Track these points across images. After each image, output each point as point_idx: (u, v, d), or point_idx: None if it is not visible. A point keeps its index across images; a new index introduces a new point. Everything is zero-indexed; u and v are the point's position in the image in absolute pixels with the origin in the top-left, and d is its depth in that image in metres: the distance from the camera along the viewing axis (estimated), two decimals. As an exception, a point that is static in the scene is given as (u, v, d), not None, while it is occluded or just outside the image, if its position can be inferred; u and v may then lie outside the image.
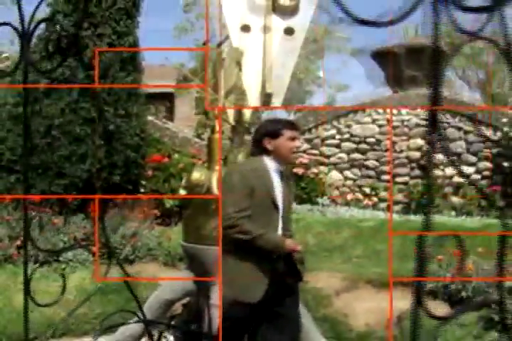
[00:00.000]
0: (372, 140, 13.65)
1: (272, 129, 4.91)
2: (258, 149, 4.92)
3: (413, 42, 14.61)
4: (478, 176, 12.85)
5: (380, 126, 13.59)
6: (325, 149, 13.79)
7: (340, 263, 8.46)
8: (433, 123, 1.35)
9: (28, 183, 10.00)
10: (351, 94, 44.83)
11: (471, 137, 12.90)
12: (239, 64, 6.50)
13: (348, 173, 13.79)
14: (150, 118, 14.33)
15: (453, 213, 12.14)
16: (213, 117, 6.64)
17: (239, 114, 6.58)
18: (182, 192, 6.62)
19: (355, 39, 43.22)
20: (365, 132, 13.64)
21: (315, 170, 13.32)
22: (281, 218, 4.87)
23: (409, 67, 13.96)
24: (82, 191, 10.42)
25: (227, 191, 4.85)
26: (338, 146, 13.82)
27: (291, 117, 16.08)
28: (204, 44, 6.91)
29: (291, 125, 5.07)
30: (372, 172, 13.63)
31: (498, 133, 12.49)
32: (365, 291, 7.62)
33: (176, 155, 13.11)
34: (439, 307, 6.84)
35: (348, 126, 13.80)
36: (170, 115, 20.00)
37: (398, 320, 6.81)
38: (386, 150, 13.46)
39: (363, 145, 13.68)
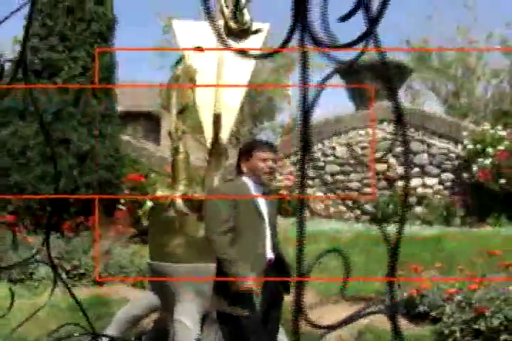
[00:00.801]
0: (354, 161, 13.69)
1: (245, 150, 4.88)
2: (237, 169, 4.92)
3: (374, 58, 14.63)
4: (441, 187, 12.89)
5: (362, 148, 13.61)
6: (310, 171, 13.77)
7: (316, 275, 8.48)
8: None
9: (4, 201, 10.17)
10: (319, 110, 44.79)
11: (433, 150, 12.94)
12: (193, 81, 6.52)
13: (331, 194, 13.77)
14: (127, 138, 14.30)
15: (417, 222, 12.17)
16: (176, 138, 6.61)
17: (215, 137, 6.58)
18: (149, 203, 6.65)
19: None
20: (349, 154, 13.66)
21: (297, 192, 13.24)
22: (270, 228, 4.83)
23: (372, 80, 14.01)
24: (56, 207, 10.42)
25: (210, 206, 4.87)
26: (322, 168, 13.83)
27: (278, 141, 16.03)
28: (177, 63, 6.88)
29: (264, 146, 4.97)
30: (355, 193, 13.63)
31: (459, 146, 12.55)
32: (337, 304, 7.62)
33: (153, 175, 13.07)
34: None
35: (333, 148, 13.80)
36: (155, 134, 19.86)
37: (359, 334, 6.82)
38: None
39: (347, 167, 13.69)
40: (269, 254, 4.77)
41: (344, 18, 1.60)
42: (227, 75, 6.65)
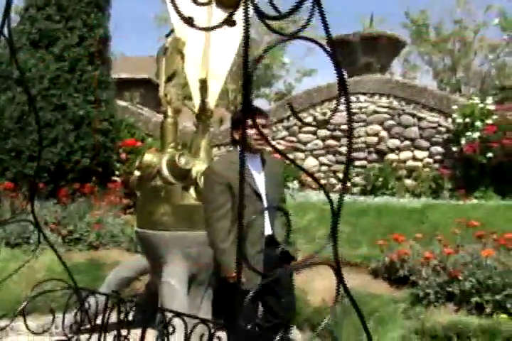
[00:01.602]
0: (345, 127, 13.77)
1: (236, 119, 4.89)
2: (231, 139, 4.93)
3: (367, 31, 14.76)
4: (431, 160, 13.07)
5: (352, 114, 13.73)
6: (302, 136, 13.96)
7: (304, 244, 8.62)
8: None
9: (3, 166, 10.42)
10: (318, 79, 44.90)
11: (424, 123, 13.09)
12: (181, 53, 6.70)
13: (322, 159, 13.90)
14: (124, 104, 14.49)
15: (407, 195, 12.36)
16: (165, 103, 6.81)
17: (203, 102, 6.78)
18: (136, 173, 6.81)
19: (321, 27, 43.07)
20: (340, 120, 13.77)
21: (291, 156, 13.46)
22: (268, 204, 4.77)
23: (364, 54, 14.18)
24: (53, 174, 10.64)
25: (205, 191, 4.86)
26: (314, 133, 13.96)
27: (271, 106, 16.14)
28: (167, 36, 7.05)
29: (257, 112, 4.86)
30: (345, 158, 13.77)
31: (449, 120, 12.69)
32: (322, 270, 7.82)
33: (149, 139, 13.26)
34: (379, 285, 7.16)
35: (324, 114, 13.91)
36: (154, 101, 20.03)
37: (341, 298, 7.03)
38: (358, 137, 13.64)
39: (338, 133, 13.82)
40: (267, 231, 4.78)
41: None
42: (216, 45, 6.85)
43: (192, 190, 6.40)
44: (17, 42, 10.81)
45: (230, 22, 2.38)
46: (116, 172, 12.02)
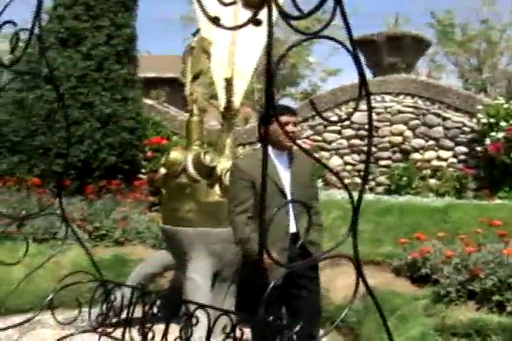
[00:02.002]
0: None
1: (264, 116, 4.91)
2: (259, 136, 5.01)
3: (392, 31, 14.81)
4: (455, 160, 13.06)
5: (377, 113, 13.75)
6: (327, 135, 14.03)
7: (327, 242, 8.66)
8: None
9: (30, 163, 10.58)
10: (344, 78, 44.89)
11: (448, 123, 13.09)
12: (207, 52, 6.78)
13: (347, 158, 13.91)
14: (151, 102, 14.63)
15: (431, 194, 12.36)
16: (191, 101, 6.89)
17: (228, 101, 6.87)
18: (162, 170, 6.90)
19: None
20: (364, 119, 13.78)
21: (316, 155, 13.51)
22: (293, 206, 4.79)
23: (389, 54, 14.22)
24: (80, 171, 10.79)
25: (230, 186, 4.96)
26: (339, 133, 13.97)
27: (296, 105, 16.18)
28: (193, 35, 7.14)
29: (283, 110, 4.91)
30: (370, 158, 13.81)
31: (474, 120, 12.69)
32: (346, 267, 7.88)
33: (175, 137, 13.36)
34: (402, 283, 7.21)
35: (349, 114, 13.93)
36: (180, 100, 20.14)
37: (364, 296, 7.10)
38: (383, 137, 13.68)
39: (362, 132, 13.85)
40: (292, 229, 4.81)
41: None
42: (241, 44, 6.94)
43: (217, 188, 6.49)
44: (45, 41, 10.97)
45: (255, 21, 2.46)
46: (142, 170, 12.15)
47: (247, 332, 3.01)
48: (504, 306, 5.69)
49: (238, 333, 2.93)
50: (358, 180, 13.67)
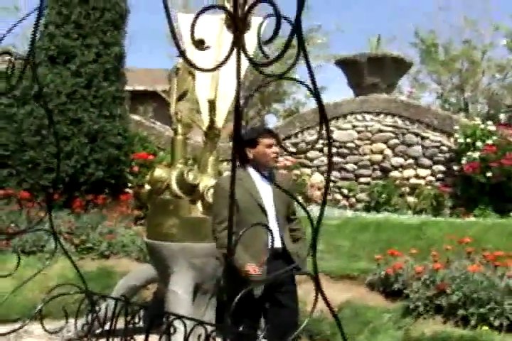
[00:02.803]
0: (351, 145, 14.10)
1: (250, 138, 5.04)
2: (240, 159, 5.04)
3: (373, 52, 15.15)
4: (433, 178, 13.34)
5: (358, 132, 14.05)
6: (308, 153, 14.25)
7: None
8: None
9: (20, 177, 10.81)
10: (329, 95, 45.16)
11: (427, 142, 13.38)
12: (191, 73, 7.04)
13: (329, 176, 14.20)
14: (137, 118, 14.87)
15: (409, 212, 12.65)
16: (176, 121, 7.14)
17: (211, 121, 7.12)
18: (147, 187, 7.14)
19: (333, 46, 43.39)
20: (345, 138, 14.10)
21: (297, 172, 13.80)
22: (276, 219, 5.01)
23: (370, 74, 14.53)
24: (67, 185, 11.02)
25: (213, 204, 5.14)
26: (320, 150, 14.24)
27: (280, 122, 16.44)
28: (179, 56, 7.38)
29: (267, 133, 5.16)
30: (351, 175, 14.09)
31: (451, 139, 12.98)
32: (322, 282, 8.08)
33: (161, 153, 13.56)
34: (375, 298, 7.46)
35: (331, 132, 14.22)
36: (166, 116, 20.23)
37: (339, 309, 7.35)
38: (364, 155, 13.97)
39: (343, 150, 14.14)
40: (276, 244, 4.95)
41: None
42: (224, 66, 7.18)
43: (199, 204, 6.72)
44: (36, 58, 11.20)
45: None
46: (129, 185, 12.37)
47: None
48: (469, 320, 5.97)
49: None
50: (339, 197, 13.95)
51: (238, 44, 2.32)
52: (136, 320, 3.87)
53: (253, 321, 5.03)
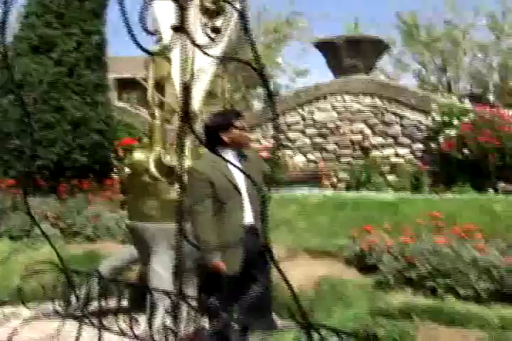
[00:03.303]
0: (332, 125, 14.28)
1: (224, 122, 5.17)
2: (214, 142, 5.14)
3: (351, 34, 15.29)
4: (412, 156, 13.52)
5: (338, 112, 14.23)
6: (290, 134, 14.47)
7: (285, 235, 9.03)
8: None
9: (6, 165, 10.97)
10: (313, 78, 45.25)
11: (405, 121, 13.56)
12: (168, 58, 7.16)
13: (310, 156, 14.41)
14: (122, 105, 15.04)
15: (390, 190, 12.81)
16: (153, 105, 7.28)
17: (186, 104, 7.25)
18: (127, 169, 7.30)
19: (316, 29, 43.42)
20: (326, 118, 14.28)
21: (279, 154, 13.96)
22: (249, 197, 5.12)
23: (349, 56, 14.67)
24: (53, 171, 11.19)
25: (189, 188, 5.18)
26: (302, 132, 14.45)
27: (261, 106, 16.56)
28: (156, 42, 7.50)
29: (238, 115, 5.31)
30: (331, 155, 14.30)
31: (429, 118, 13.14)
32: (302, 258, 8.26)
33: (145, 139, 13.68)
34: (351, 272, 7.65)
35: (311, 113, 14.43)
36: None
37: (316, 284, 7.54)
38: (344, 135, 14.11)
39: (324, 131, 14.30)
40: (248, 221, 5.10)
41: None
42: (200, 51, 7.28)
43: (177, 186, 6.88)
44: (18, 48, 11.35)
45: (214, 29, 2.88)
46: (115, 170, 12.53)
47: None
48: (436, 291, 6.18)
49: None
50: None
51: (182, 25, 2.47)
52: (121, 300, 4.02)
53: (231, 298, 5.18)
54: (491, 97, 17.20)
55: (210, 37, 2.58)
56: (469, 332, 5.02)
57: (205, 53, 2.58)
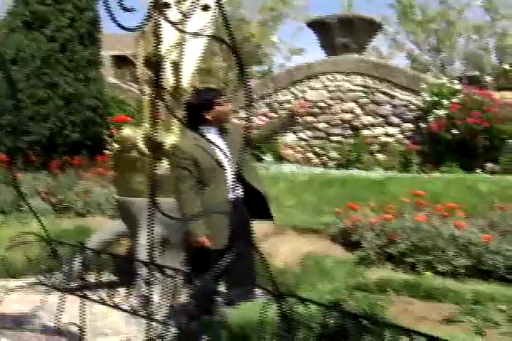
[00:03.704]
0: (323, 104, 14.39)
1: (207, 101, 5.23)
2: (197, 120, 5.26)
3: (343, 13, 15.33)
4: (402, 136, 13.63)
5: (330, 91, 14.33)
6: (282, 112, 14.46)
7: (273, 212, 9.15)
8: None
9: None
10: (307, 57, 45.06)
11: (396, 101, 13.65)
12: (157, 36, 7.22)
13: (301, 135, 14.52)
14: (115, 81, 15.10)
15: (379, 169, 12.93)
16: (142, 81, 7.36)
17: (176, 82, 7.33)
18: (116, 146, 7.39)
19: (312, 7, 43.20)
20: (317, 97, 14.38)
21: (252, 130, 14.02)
22: (231, 172, 5.25)
23: (341, 35, 14.74)
24: (45, 147, 11.28)
25: (174, 167, 5.43)
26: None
27: (254, 83, 16.60)
28: (146, 19, 7.52)
29: (218, 92, 5.43)
30: (322, 134, 14.41)
31: (419, 98, 13.24)
32: (289, 235, 8.39)
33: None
34: (336, 249, 7.77)
35: (303, 92, 14.53)
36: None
37: (302, 260, 7.67)
38: (335, 114, 14.24)
39: (315, 109, 14.41)
40: (230, 195, 5.15)
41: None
42: (189, 28, 7.33)
43: (164, 161, 6.97)
44: (11, 24, 11.40)
45: (203, 6, 2.97)
46: (108, 147, 12.61)
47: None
48: (416, 267, 6.32)
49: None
50: (311, 155, 14.26)
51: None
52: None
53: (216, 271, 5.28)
54: (488, 79, 17.18)
55: (183, 13, 2.62)
56: (443, 306, 5.14)
57: (179, 30, 2.66)
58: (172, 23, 2.55)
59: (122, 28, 2.64)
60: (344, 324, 2.99)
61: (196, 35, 2.60)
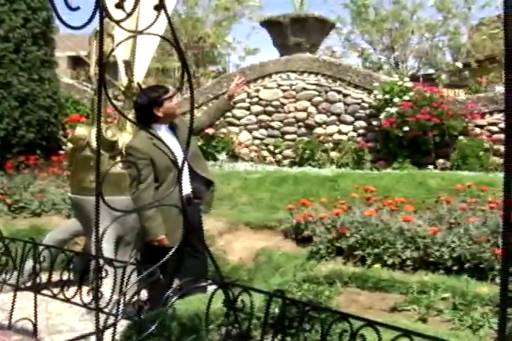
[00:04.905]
0: (277, 103, 14.50)
1: (155, 98, 5.27)
2: (147, 118, 5.33)
3: (296, 13, 15.49)
4: (355, 134, 13.81)
5: (283, 90, 14.45)
6: (236, 111, 14.66)
7: (227, 210, 9.23)
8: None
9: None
10: (262, 57, 45.13)
11: (348, 99, 13.83)
12: (111, 35, 7.27)
13: (256, 133, 14.61)
14: (70, 81, 15.07)
15: (333, 166, 13.10)
16: (95, 81, 7.40)
17: (128, 81, 7.38)
18: (69, 145, 7.42)
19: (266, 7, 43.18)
20: (272, 96, 14.49)
21: (224, 131, 14.19)
22: (189, 168, 5.42)
23: (294, 34, 14.90)
24: (0, 148, 11.25)
25: (129, 167, 5.52)
26: (247, 109, 14.65)
27: (209, 83, 16.66)
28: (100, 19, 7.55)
29: (164, 88, 5.52)
30: (277, 132, 14.52)
31: (372, 96, 13.42)
32: (243, 232, 8.49)
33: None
34: (289, 244, 7.89)
35: (257, 91, 14.63)
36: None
37: (255, 256, 7.79)
38: (289, 112, 14.38)
39: (270, 108, 14.53)
40: (186, 191, 5.34)
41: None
42: (142, 27, 7.38)
43: (118, 160, 7.02)
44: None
45: (156, 6, 3.03)
46: (63, 147, 12.59)
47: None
48: (365, 260, 6.45)
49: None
50: (266, 153, 14.38)
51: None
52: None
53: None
54: (443, 77, 17.39)
55: (124, 11, 2.68)
56: (389, 296, 5.29)
57: (122, 28, 2.73)
58: (117, 23, 2.62)
59: (68, 26, 2.69)
60: (286, 310, 3.10)
61: (140, 33, 2.67)
